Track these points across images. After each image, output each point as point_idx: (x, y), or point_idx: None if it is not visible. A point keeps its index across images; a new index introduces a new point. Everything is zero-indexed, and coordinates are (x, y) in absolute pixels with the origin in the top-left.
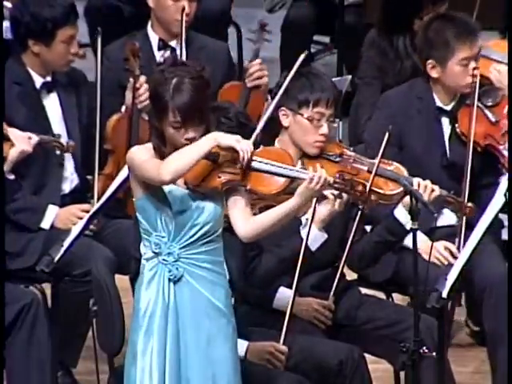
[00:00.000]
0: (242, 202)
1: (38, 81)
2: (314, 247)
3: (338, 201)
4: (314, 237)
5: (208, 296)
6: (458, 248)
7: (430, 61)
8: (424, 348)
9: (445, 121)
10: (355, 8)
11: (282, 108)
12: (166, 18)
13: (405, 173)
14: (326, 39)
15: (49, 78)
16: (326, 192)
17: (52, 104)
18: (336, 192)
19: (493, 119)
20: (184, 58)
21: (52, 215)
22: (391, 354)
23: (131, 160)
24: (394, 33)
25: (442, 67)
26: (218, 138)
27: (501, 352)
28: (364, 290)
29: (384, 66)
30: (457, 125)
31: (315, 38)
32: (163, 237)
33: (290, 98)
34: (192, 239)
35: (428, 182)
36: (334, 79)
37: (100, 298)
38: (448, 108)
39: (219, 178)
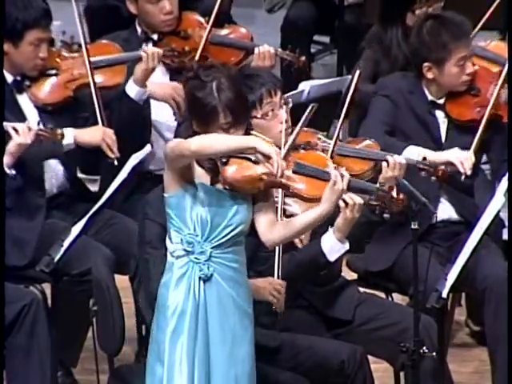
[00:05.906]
0: (269, 206)
1: (9, 78)
2: (332, 257)
3: (350, 208)
4: (332, 246)
5: (234, 296)
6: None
7: (426, 64)
8: (424, 348)
9: (439, 114)
10: (355, 8)
11: None
12: (151, 21)
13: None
14: (326, 39)
15: (19, 78)
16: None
17: (26, 102)
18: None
19: (473, 91)
20: None
21: (70, 134)
22: (391, 354)
23: (169, 148)
24: (388, 25)
25: (439, 69)
26: (259, 143)
27: (501, 352)
28: (364, 290)
29: (378, 56)
30: (452, 116)
31: (315, 38)
32: (197, 235)
33: None
34: (224, 239)
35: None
36: (333, 79)
37: (100, 297)
38: (441, 102)
39: (261, 178)
